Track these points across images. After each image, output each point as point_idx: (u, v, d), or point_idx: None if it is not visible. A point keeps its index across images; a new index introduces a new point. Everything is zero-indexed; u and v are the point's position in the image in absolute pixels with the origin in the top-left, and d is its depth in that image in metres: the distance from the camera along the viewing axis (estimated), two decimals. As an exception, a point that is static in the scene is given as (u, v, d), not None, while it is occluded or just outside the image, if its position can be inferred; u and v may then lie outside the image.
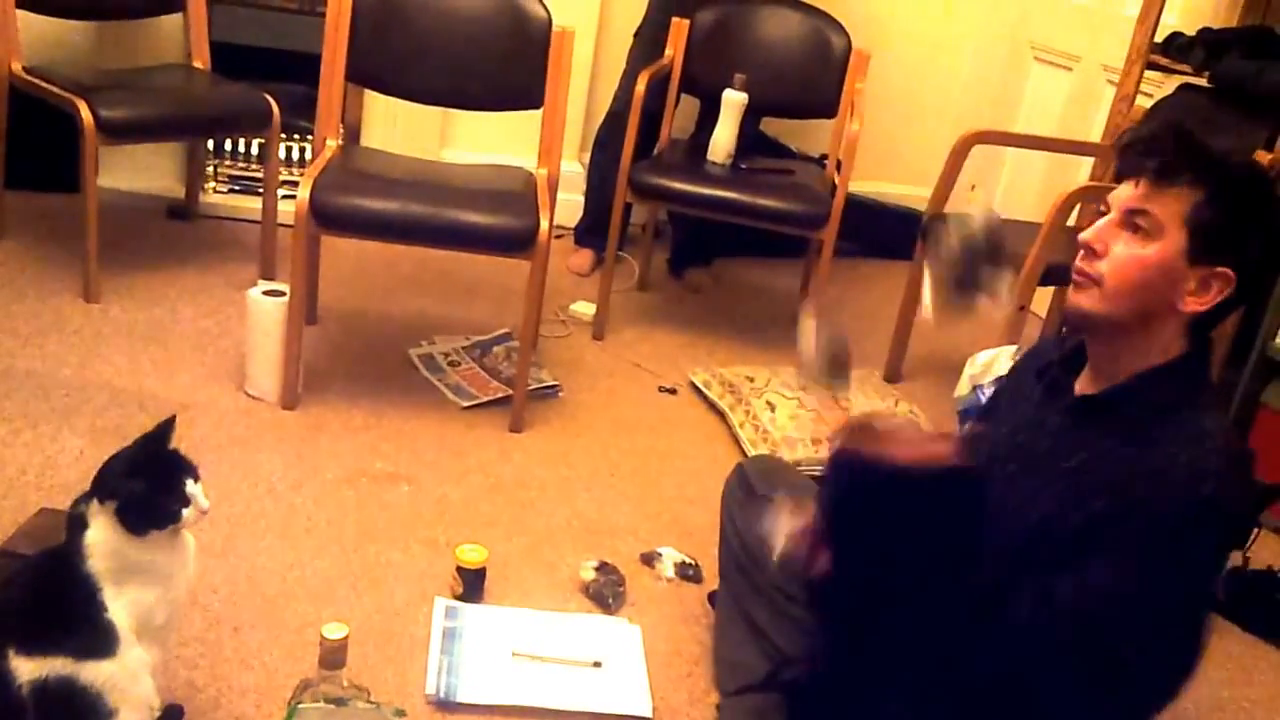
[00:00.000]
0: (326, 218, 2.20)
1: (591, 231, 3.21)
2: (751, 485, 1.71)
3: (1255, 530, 2.08)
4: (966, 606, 1.19)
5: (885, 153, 3.70)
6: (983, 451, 1.40)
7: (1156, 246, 1.21)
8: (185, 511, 1.28)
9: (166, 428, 1.31)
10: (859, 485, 1.20)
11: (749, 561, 1.65)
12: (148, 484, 1.25)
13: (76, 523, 1.27)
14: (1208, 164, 1.22)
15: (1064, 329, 1.40)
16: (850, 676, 1.32)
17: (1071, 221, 2.34)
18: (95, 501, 1.26)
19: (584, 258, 3.25)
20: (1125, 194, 1.24)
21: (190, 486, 1.29)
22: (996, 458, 1.36)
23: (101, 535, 1.25)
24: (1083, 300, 1.25)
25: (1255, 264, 1.22)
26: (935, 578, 1.17)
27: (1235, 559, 2.10)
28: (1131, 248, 1.22)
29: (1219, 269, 1.21)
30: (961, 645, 1.20)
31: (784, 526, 1.32)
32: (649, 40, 3.06)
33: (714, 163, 2.84)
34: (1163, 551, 1.16)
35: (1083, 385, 1.32)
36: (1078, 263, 1.26)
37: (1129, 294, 1.22)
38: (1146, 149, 1.24)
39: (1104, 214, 1.26)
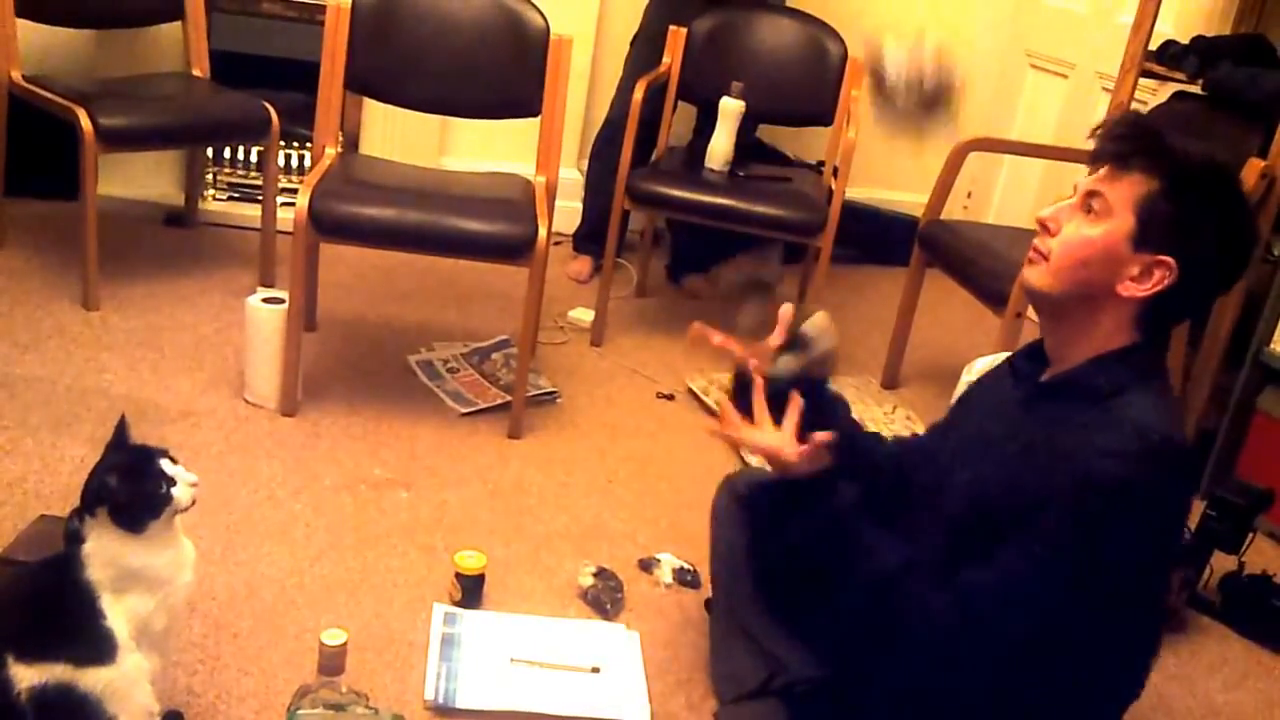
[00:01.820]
0: (325, 225, 2.21)
1: (590, 238, 3.22)
2: (741, 498, 1.72)
3: (1250, 535, 2.08)
4: (881, 603, 1.24)
5: (882, 159, 3.70)
6: (951, 441, 1.44)
7: (1104, 227, 1.24)
8: (175, 491, 1.28)
9: (120, 426, 1.32)
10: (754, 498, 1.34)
11: (741, 572, 1.66)
12: (121, 477, 1.26)
13: (73, 537, 1.27)
14: (1168, 156, 1.24)
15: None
16: (841, 682, 1.34)
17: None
18: (86, 516, 1.26)
19: (583, 264, 3.26)
20: (1088, 179, 1.28)
21: (168, 466, 1.29)
22: (961, 446, 1.40)
23: (99, 544, 1.26)
24: (1031, 275, 1.30)
25: (1203, 263, 1.24)
26: (835, 570, 1.27)
27: (1230, 563, 2.11)
28: (1081, 227, 1.26)
29: (1162, 257, 1.22)
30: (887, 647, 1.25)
31: None
32: (646, 48, 3.08)
33: (711, 170, 2.85)
34: (1065, 533, 1.18)
35: (1047, 375, 1.35)
36: (1035, 239, 1.31)
37: (1071, 270, 1.26)
38: (1109, 134, 1.28)
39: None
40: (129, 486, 1.26)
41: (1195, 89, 2.78)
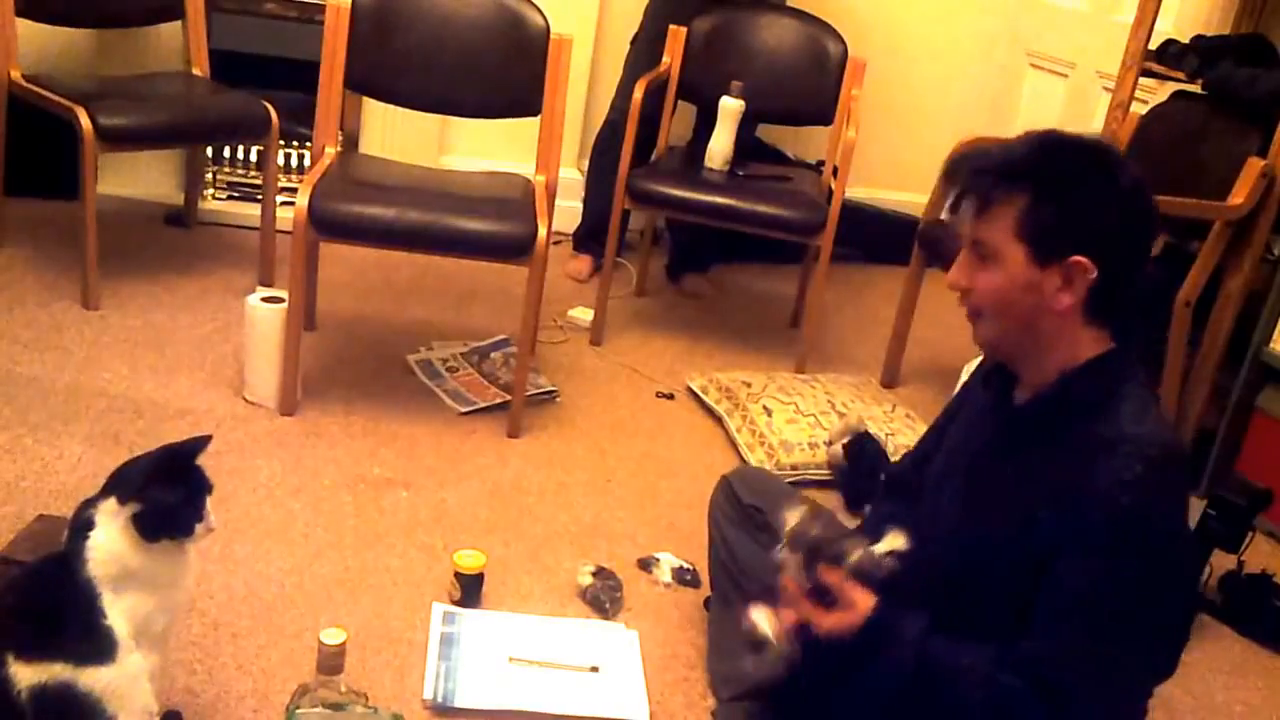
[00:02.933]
0: (325, 224, 2.21)
1: (590, 237, 3.22)
2: (738, 496, 1.72)
3: (1250, 534, 2.08)
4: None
5: (882, 159, 3.71)
6: (935, 469, 1.43)
7: (1001, 268, 1.24)
8: (198, 527, 1.30)
9: (200, 444, 1.32)
10: (805, 656, 1.30)
11: (738, 572, 1.66)
12: (176, 493, 1.27)
13: (83, 525, 1.27)
14: (1002, 170, 1.23)
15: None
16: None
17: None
18: (114, 501, 1.25)
19: (583, 263, 3.26)
20: (964, 228, 1.28)
21: (206, 505, 1.31)
22: (946, 474, 1.40)
23: (106, 539, 1.25)
24: (978, 334, 1.31)
25: (1110, 238, 1.21)
26: (886, 699, 1.25)
27: (1230, 562, 2.11)
28: (985, 275, 1.26)
29: (1069, 260, 1.21)
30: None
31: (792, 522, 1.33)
32: (646, 47, 3.08)
33: (711, 169, 2.85)
34: (1109, 569, 1.17)
35: (1019, 392, 1.34)
36: (963, 306, 1.31)
37: (1004, 314, 1.26)
38: (945, 190, 1.28)
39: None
40: (170, 506, 1.27)
41: (1195, 88, 2.78)
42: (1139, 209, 1.23)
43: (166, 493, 1.26)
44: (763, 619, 1.30)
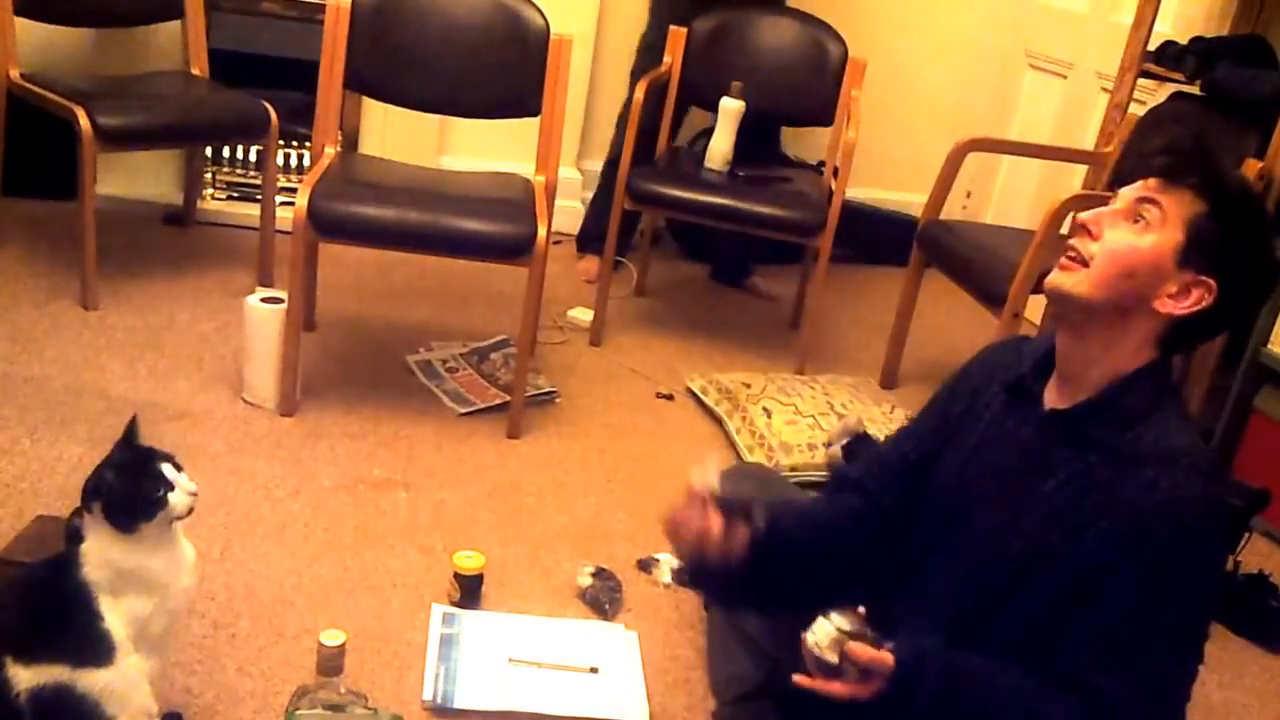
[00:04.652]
0: (324, 225, 2.21)
1: (598, 238, 3.22)
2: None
3: (1246, 535, 2.09)
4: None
5: (881, 160, 3.71)
6: (949, 477, 1.36)
7: (1154, 237, 1.20)
8: (173, 496, 1.27)
9: (130, 425, 1.32)
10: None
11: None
12: (119, 474, 1.26)
13: (73, 536, 1.28)
14: (1220, 180, 1.23)
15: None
16: None
17: (1064, 229, 2.35)
18: (85, 512, 1.26)
19: (590, 263, 3.25)
20: (1136, 188, 1.24)
21: (169, 471, 1.28)
22: (967, 478, 1.33)
23: (96, 544, 1.26)
24: (1066, 281, 1.24)
25: (1237, 288, 1.22)
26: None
27: (1227, 563, 2.11)
28: (1128, 235, 1.22)
29: (1204, 277, 1.21)
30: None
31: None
32: (649, 48, 3.08)
33: (711, 170, 2.85)
34: (1163, 581, 1.16)
35: (1051, 394, 1.30)
36: (1071, 241, 1.25)
37: (1113, 278, 1.21)
38: (1167, 149, 1.27)
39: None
40: (125, 485, 1.25)
41: (1194, 89, 2.78)
42: (1266, 283, 1.25)
43: (113, 475, 1.25)
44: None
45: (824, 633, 1.21)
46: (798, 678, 1.23)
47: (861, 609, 1.24)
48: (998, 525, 1.27)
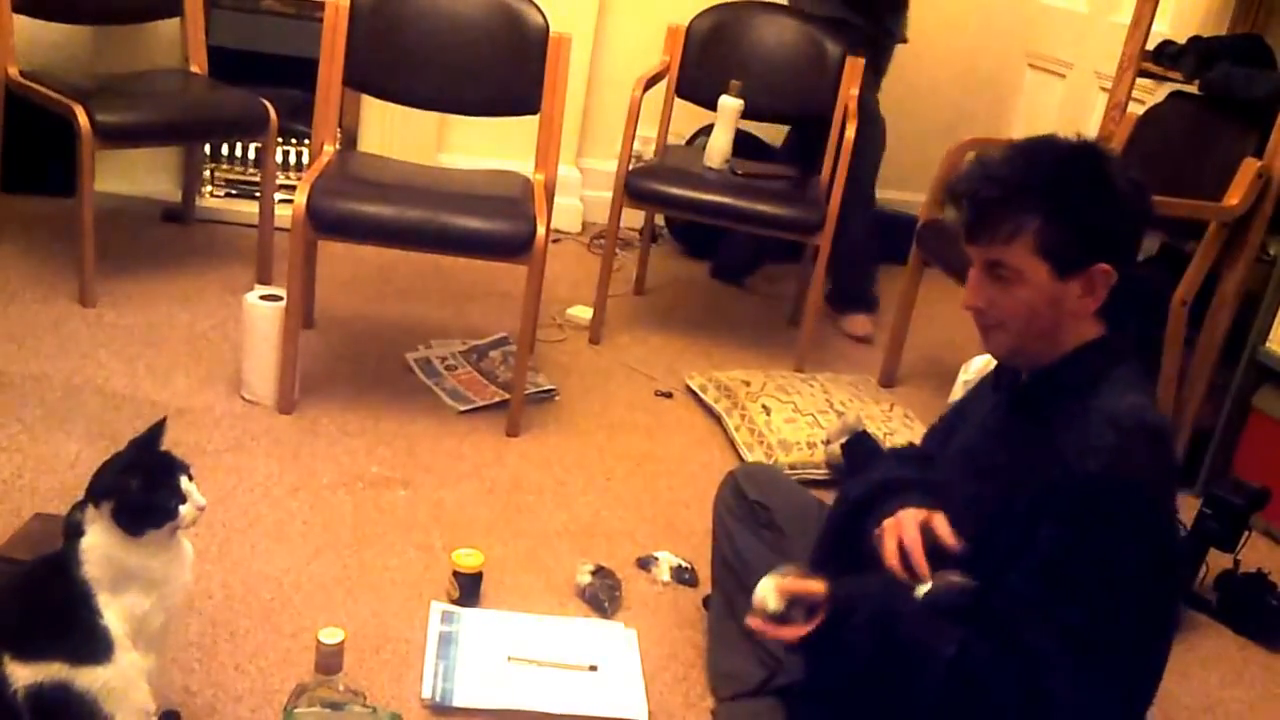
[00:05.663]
0: (323, 222, 2.21)
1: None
2: (744, 492, 1.73)
3: (1246, 533, 2.09)
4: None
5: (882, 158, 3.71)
6: (945, 464, 1.44)
7: (1026, 287, 1.25)
8: (183, 509, 1.28)
9: (158, 429, 1.32)
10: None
11: (741, 568, 1.66)
12: (142, 482, 1.26)
13: (73, 530, 1.27)
14: (1015, 193, 1.23)
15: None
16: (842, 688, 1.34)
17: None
18: (90, 506, 1.26)
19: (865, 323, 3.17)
20: (974, 256, 1.29)
21: (185, 484, 1.29)
22: (954, 468, 1.41)
23: (97, 540, 1.26)
24: (994, 344, 1.32)
25: (1122, 239, 1.25)
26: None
27: (1226, 561, 2.12)
28: (1007, 293, 1.27)
29: (1091, 269, 1.23)
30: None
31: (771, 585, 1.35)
32: None
33: (710, 168, 2.85)
34: (1069, 538, 1.18)
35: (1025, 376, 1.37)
36: (975, 319, 1.32)
37: (1025, 324, 1.28)
38: (957, 211, 1.29)
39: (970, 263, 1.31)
40: (144, 492, 1.26)
41: (1192, 89, 2.78)
42: (1139, 207, 1.27)
43: (135, 483, 1.25)
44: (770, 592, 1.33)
45: (768, 587, 1.31)
46: (749, 620, 1.32)
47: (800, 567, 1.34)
48: (968, 504, 1.32)
